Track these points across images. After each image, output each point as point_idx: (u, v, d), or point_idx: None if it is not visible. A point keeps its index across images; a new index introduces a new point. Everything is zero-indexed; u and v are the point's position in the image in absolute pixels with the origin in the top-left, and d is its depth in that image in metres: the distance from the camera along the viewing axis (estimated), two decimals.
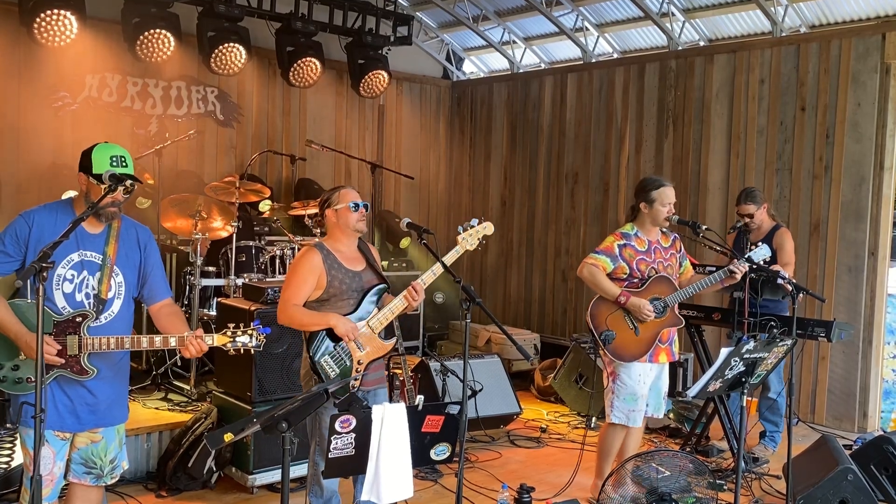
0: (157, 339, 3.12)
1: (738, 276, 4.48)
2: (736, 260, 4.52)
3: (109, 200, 3.06)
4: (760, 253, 4.55)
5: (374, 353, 3.76)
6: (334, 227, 3.85)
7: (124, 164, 3.09)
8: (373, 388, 3.87)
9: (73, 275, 3.09)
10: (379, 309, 3.78)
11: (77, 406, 3.14)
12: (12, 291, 3.13)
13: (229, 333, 3.16)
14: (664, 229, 4.67)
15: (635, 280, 4.52)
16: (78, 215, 3.00)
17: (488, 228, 3.85)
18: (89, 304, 3.11)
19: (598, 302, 4.55)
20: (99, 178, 3.05)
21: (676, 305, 4.58)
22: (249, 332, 3.17)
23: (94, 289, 3.12)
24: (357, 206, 3.79)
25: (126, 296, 3.23)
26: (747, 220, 5.54)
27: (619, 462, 4.38)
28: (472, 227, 3.80)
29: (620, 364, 4.51)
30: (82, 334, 3.05)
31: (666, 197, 4.54)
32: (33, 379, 2.98)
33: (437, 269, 3.71)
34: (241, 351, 3.15)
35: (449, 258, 3.71)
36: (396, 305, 3.74)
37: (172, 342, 3.11)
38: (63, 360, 3.02)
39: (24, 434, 3.13)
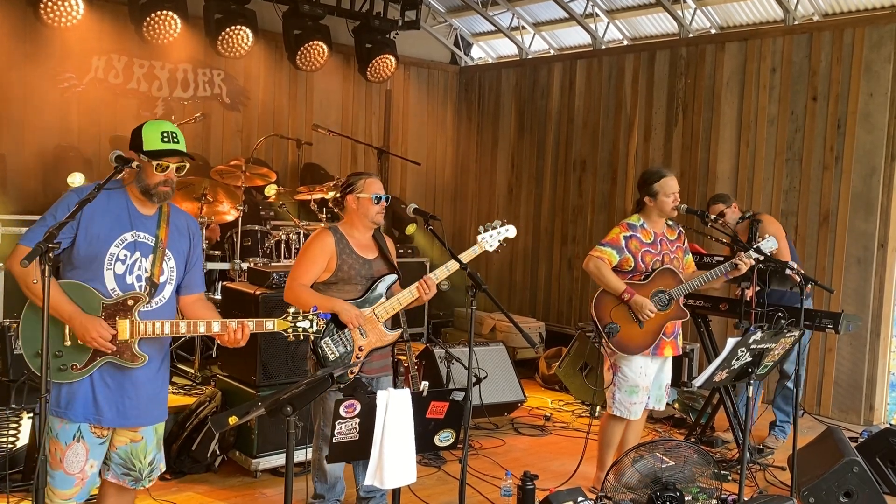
0: (216, 324, 2.95)
1: (744, 269, 4.42)
2: (742, 252, 4.47)
3: (161, 179, 2.94)
4: (767, 245, 4.51)
5: (377, 342, 3.75)
6: (353, 213, 3.84)
7: (175, 139, 2.97)
8: (377, 376, 3.86)
9: (125, 255, 2.92)
10: (387, 299, 3.76)
11: (120, 398, 2.94)
12: None
13: (289, 318, 2.99)
14: (669, 222, 4.61)
15: (640, 272, 4.46)
16: (130, 196, 2.96)
17: (510, 231, 3.83)
18: (140, 286, 2.94)
19: (603, 294, 4.47)
20: (151, 154, 2.92)
21: (681, 298, 4.53)
22: (310, 317, 3.00)
23: (146, 271, 2.96)
24: (379, 199, 3.79)
25: (176, 281, 3.08)
26: (720, 218, 5.47)
27: (622, 452, 4.32)
28: (494, 228, 3.77)
29: (622, 356, 4.46)
30: (134, 318, 2.88)
31: (669, 187, 4.48)
32: (79, 366, 2.86)
33: (452, 265, 3.65)
34: (301, 337, 2.99)
35: (465, 256, 3.68)
36: (405, 297, 3.72)
37: (234, 324, 2.97)
38: (115, 346, 2.86)
39: (54, 424, 2.89)
